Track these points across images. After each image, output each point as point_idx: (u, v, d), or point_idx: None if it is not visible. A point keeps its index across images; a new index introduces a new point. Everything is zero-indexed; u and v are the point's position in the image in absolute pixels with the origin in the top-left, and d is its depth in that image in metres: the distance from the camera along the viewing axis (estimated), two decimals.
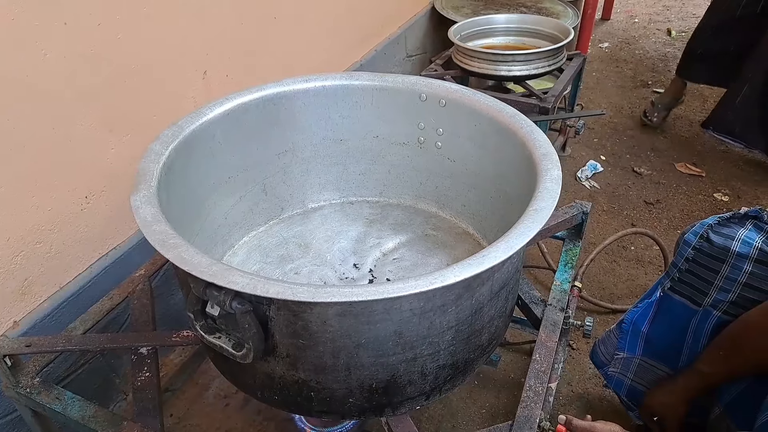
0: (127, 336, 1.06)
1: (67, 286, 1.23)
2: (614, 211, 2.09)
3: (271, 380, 0.84)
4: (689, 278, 1.03)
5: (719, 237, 0.99)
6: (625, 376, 1.23)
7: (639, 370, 1.21)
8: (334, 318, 0.74)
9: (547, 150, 0.94)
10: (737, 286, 0.99)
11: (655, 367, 1.18)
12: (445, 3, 2.62)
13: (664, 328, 1.13)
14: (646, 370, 1.20)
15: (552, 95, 1.88)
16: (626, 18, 3.81)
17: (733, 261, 0.97)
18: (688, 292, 1.04)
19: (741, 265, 0.97)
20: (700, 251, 1.01)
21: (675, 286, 1.05)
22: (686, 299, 1.05)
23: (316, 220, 1.28)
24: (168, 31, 1.30)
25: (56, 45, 1.06)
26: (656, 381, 1.18)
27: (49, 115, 1.09)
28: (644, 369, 1.20)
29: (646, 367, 1.20)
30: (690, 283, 1.03)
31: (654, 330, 1.15)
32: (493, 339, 0.94)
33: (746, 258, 0.96)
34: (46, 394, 1.00)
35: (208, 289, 0.73)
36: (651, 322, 1.13)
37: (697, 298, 1.03)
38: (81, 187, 1.20)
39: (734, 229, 1.00)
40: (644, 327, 1.15)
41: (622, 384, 1.24)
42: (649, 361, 1.18)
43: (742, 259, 0.96)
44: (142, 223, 0.79)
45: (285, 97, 1.16)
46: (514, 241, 0.75)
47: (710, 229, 1.01)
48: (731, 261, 0.97)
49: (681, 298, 1.05)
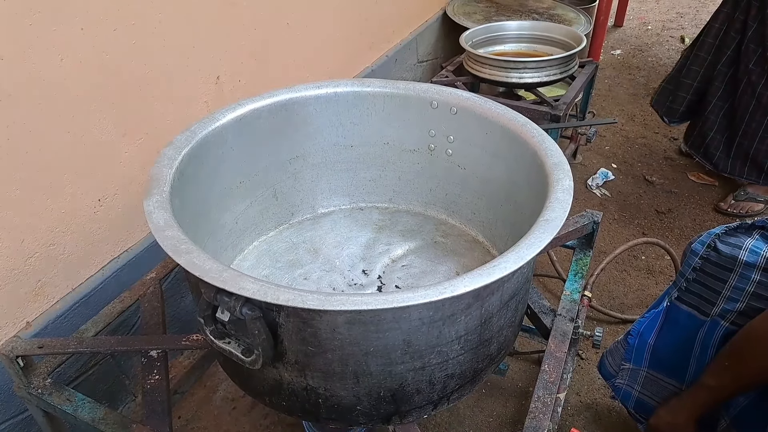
0: (138, 339, 1.07)
1: (79, 288, 1.24)
2: (625, 219, 2.08)
3: (280, 386, 0.84)
4: (697, 288, 1.02)
5: (727, 246, 0.98)
6: (633, 388, 1.22)
7: (646, 382, 1.20)
8: (343, 326, 0.74)
9: (558, 159, 0.94)
10: (745, 295, 0.98)
11: (662, 381, 1.17)
12: (457, 9, 2.62)
13: (671, 339, 1.12)
14: (653, 383, 1.18)
15: (563, 103, 1.88)
16: (639, 25, 3.80)
17: (741, 270, 0.96)
18: (695, 302, 1.03)
19: (749, 275, 0.96)
20: (708, 260, 1.00)
21: (682, 296, 1.04)
22: (694, 309, 1.04)
23: (326, 225, 1.29)
24: (182, 37, 1.31)
25: (73, 50, 1.08)
26: (664, 395, 1.17)
27: (65, 119, 1.11)
28: (651, 382, 1.19)
29: (652, 380, 1.18)
30: (697, 293, 1.02)
31: (661, 341, 1.14)
32: (501, 349, 0.94)
33: (754, 267, 0.95)
34: (57, 395, 1.01)
35: (219, 294, 0.73)
36: (658, 333, 1.12)
37: (705, 308, 1.02)
38: (94, 190, 1.22)
39: (741, 239, 0.99)
40: (651, 339, 1.14)
41: (630, 396, 1.23)
42: (655, 374, 1.17)
43: (750, 268, 0.95)
44: (155, 228, 0.79)
45: (297, 103, 1.16)
46: (525, 251, 0.75)
47: (717, 239, 1.00)
48: (739, 270, 0.96)
49: (688, 308, 1.04)
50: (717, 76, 2.01)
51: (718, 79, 2.01)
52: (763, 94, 1.89)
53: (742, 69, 1.92)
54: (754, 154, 1.98)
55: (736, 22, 1.92)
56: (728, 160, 2.05)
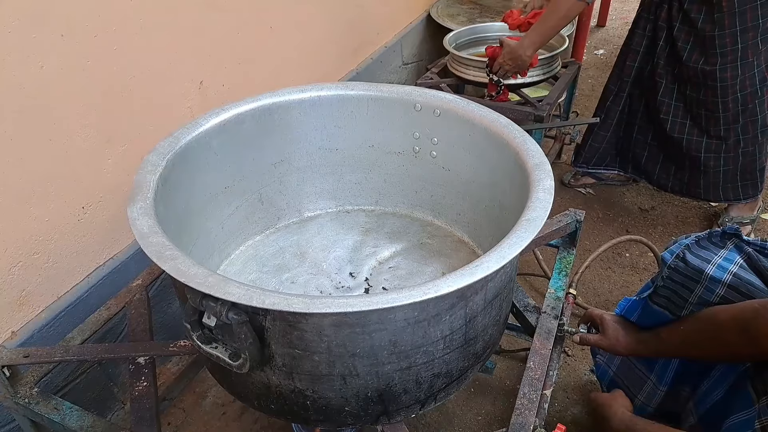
0: (125, 346, 1.07)
1: (64, 296, 1.24)
2: (609, 218, 2.11)
3: (268, 389, 0.85)
4: (666, 293, 1.04)
5: (695, 258, 1.00)
6: (609, 367, 1.26)
7: (621, 365, 1.24)
8: (329, 328, 0.75)
9: (540, 160, 0.95)
10: (710, 305, 0.99)
11: (635, 366, 1.20)
12: (441, 11, 2.64)
13: (645, 328, 1.14)
14: (627, 367, 1.22)
15: (547, 103, 1.89)
16: (622, 25, 3.84)
17: (707, 284, 0.98)
18: (665, 304, 1.05)
19: (714, 289, 0.98)
20: (676, 270, 1.01)
21: (654, 298, 1.06)
22: (665, 310, 1.06)
23: (313, 228, 1.29)
24: (164, 42, 1.31)
25: (53, 57, 1.07)
26: (633, 380, 1.20)
27: (46, 126, 1.10)
28: (626, 365, 1.23)
29: (627, 365, 1.22)
30: (668, 297, 1.04)
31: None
32: (487, 347, 0.95)
33: (719, 283, 0.97)
34: (44, 404, 1.01)
35: (205, 300, 0.73)
36: (637, 319, 1.14)
37: (675, 310, 1.04)
38: (78, 197, 1.21)
39: (712, 252, 1.00)
40: (632, 318, 1.15)
41: (606, 374, 1.28)
42: (630, 359, 1.21)
43: (716, 283, 0.97)
44: (139, 235, 0.79)
45: (281, 107, 1.17)
46: (507, 251, 0.76)
47: (687, 250, 1.01)
48: (705, 283, 0.98)
49: (660, 309, 1.07)
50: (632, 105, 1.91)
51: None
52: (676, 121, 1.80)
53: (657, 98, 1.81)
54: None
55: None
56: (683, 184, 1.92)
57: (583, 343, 1.15)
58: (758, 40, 1.61)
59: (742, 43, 1.60)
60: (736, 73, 1.64)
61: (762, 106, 1.71)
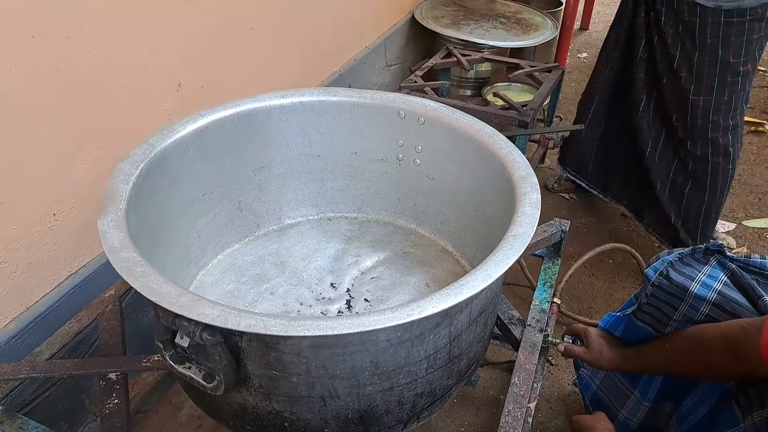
0: (95, 361, 1.02)
1: (34, 306, 1.19)
2: (593, 224, 2.10)
3: (244, 410, 0.82)
4: (650, 310, 1.03)
5: (679, 276, 0.98)
6: (593, 381, 1.25)
7: (605, 379, 1.22)
8: (308, 349, 0.72)
9: (526, 172, 0.93)
10: (695, 323, 0.98)
11: (619, 381, 1.19)
12: (425, 13, 2.62)
13: (630, 343, 1.13)
14: (611, 381, 1.21)
15: (531, 108, 1.88)
16: (605, 28, 3.84)
17: (692, 302, 0.96)
18: (650, 321, 1.04)
19: (699, 307, 0.96)
20: (660, 288, 1.00)
21: (638, 314, 1.05)
22: (649, 326, 1.05)
23: (293, 236, 1.26)
24: (140, 43, 1.26)
25: (22, 58, 1.03)
26: (617, 394, 1.19)
27: (14, 130, 1.05)
28: (609, 380, 1.21)
29: (611, 379, 1.21)
30: (652, 315, 1.03)
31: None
32: (471, 364, 0.93)
33: (704, 301, 0.95)
34: (9, 423, 0.96)
35: (177, 319, 0.70)
36: (621, 335, 1.13)
37: (659, 327, 1.03)
38: (49, 204, 1.16)
39: (696, 269, 0.99)
40: (617, 334, 1.14)
41: (589, 388, 1.26)
42: (614, 374, 1.19)
43: (700, 302, 0.96)
44: (109, 250, 0.76)
45: (261, 113, 1.13)
46: (493, 269, 0.74)
47: (671, 266, 1.00)
48: (689, 301, 0.97)
49: (644, 325, 1.05)
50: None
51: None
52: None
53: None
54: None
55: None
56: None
57: (568, 354, 1.13)
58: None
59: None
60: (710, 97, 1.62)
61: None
